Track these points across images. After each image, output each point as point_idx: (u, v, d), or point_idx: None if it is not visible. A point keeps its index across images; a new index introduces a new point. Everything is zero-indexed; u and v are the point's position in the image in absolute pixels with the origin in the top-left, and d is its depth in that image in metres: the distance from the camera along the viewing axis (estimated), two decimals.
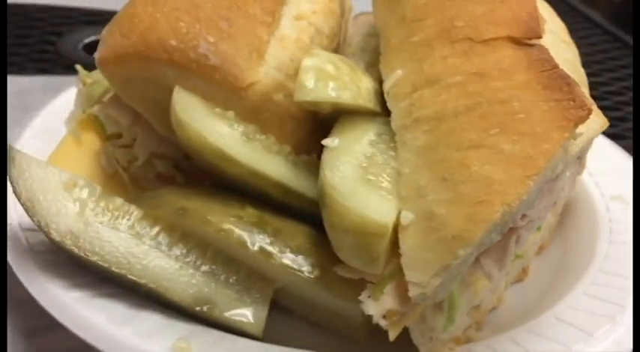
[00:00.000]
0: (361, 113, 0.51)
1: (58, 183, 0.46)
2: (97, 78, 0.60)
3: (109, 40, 0.49)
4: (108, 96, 0.57)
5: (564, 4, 1.35)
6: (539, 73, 0.46)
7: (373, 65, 0.63)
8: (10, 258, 0.47)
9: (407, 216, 0.39)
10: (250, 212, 0.46)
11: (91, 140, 0.58)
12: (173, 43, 0.48)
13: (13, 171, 0.45)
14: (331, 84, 0.48)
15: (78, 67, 0.63)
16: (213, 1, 0.51)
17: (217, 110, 0.48)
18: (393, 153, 0.46)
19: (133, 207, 0.46)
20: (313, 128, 0.53)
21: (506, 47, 0.50)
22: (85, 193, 0.46)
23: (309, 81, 0.47)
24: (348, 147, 0.45)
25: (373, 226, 0.39)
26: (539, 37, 0.51)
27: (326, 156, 0.44)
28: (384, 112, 0.51)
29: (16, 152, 0.46)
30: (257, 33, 0.51)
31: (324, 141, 0.46)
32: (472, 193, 0.38)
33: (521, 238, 0.43)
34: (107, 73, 0.50)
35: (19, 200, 0.44)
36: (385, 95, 0.51)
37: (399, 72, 0.52)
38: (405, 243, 0.39)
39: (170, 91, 0.49)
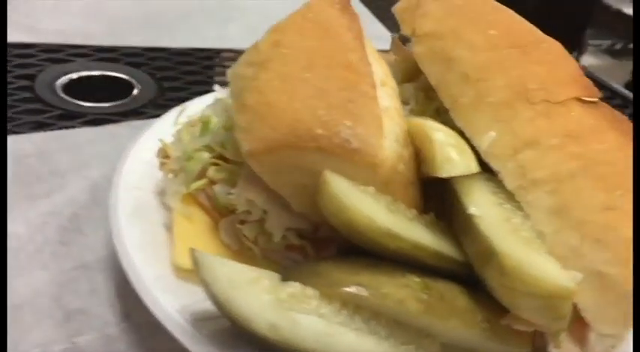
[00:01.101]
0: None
1: (245, 278, 0.48)
2: (187, 151, 0.61)
3: (256, 132, 0.52)
4: (215, 173, 0.59)
5: None
6: (627, 135, 0.56)
7: (421, 113, 0.70)
8: (193, 348, 0.49)
9: (577, 276, 0.48)
10: (415, 280, 0.52)
11: (200, 216, 0.60)
12: (320, 131, 0.52)
13: (204, 274, 0.47)
14: (463, 156, 0.54)
15: (162, 139, 0.63)
16: (333, 83, 0.55)
17: (362, 188, 0.53)
18: (521, 213, 0.54)
19: (309, 289, 0.50)
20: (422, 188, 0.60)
21: (577, 107, 0.59)
22: (269, 284, 0.49)
23: (448, 157, 0.53)
24: (490, 213, 0.52)
25: (560, 290, 0.46)
26: (599, 96, 0.61)
27: (483, 227, 0.51)
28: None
29: (202, 255, 0.47)
30: (374, 109, 0.56)
31: (471, 212, 0.52)
32: (631, 254, 0.47)
33: None
34: (257, 164, 0.52)
35: (216, 302, 0.47)
36: (483, 154, 0.59)
37: (493, 133, 0.59)
38: (583, 300, 0.47)
39: (315, 175, 0.52)
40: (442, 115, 0.69)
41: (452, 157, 0.53)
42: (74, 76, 0.95)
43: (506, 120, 0.60)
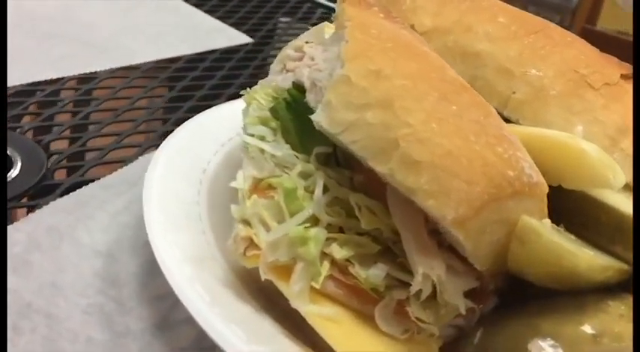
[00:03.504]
0: None
1: None
2: (294, 233, 0.46)
3: (453, 194, 0.41)
4: (342, 251, 0.46)
5: None
6: None
7: None
8: None
9: None
10: (620, 307, 0.47)
11: (339, 310, 0.46)
12: (510, 173, 0.43)
13: None
14: (615, 165, 0.50)
15: (241, 227, 0.47)
16: (475, 111, 0.47)
17: (545, 222, 0.46)
18: None
19: None
20: None
21: (626, 84, 0.60)
22: None
23: (609, 168, 0.49)
24: None
25: None
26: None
27: None
28: None
29: None
30: (511, 130, 0.49)
31: None
32: None
33: None
34: (464, 232, 0.41)
35: None
36: None
37: (580, 127, 0.57)
38: None
39: (507, 224, 0.44)
40: None
41: (614, 168, 0.49)
42: None
43: (583, 111, 0.58)
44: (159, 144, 0.75)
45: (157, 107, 0.85)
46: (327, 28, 0.62)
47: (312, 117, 0.48)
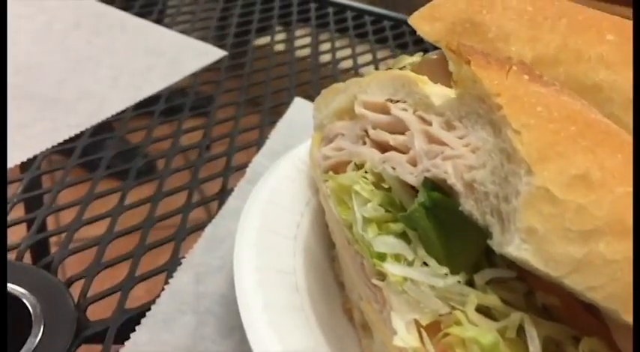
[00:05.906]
0: None
1: None
2: None
3: None
4: None
5: None
6: None
7: None
8: None
9: None
10: None
11: None
12: None
13: None
14: None
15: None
16: None
17: None
18: None
19: None
20: None
21: None
22: None
23: None
24: None
25: None
26: None
27: None
28: None
29: None
30: None
31: None
32: None
33: None
34: None
35: None
36: None
37: None
38: None
39: None
40: None
41: None
42: None
43: None
44: (195, 231, 0.61)
45: (167, 174, 0.69)
46: (422, 84, 0.49)
47: (510, 250, 0.35)
